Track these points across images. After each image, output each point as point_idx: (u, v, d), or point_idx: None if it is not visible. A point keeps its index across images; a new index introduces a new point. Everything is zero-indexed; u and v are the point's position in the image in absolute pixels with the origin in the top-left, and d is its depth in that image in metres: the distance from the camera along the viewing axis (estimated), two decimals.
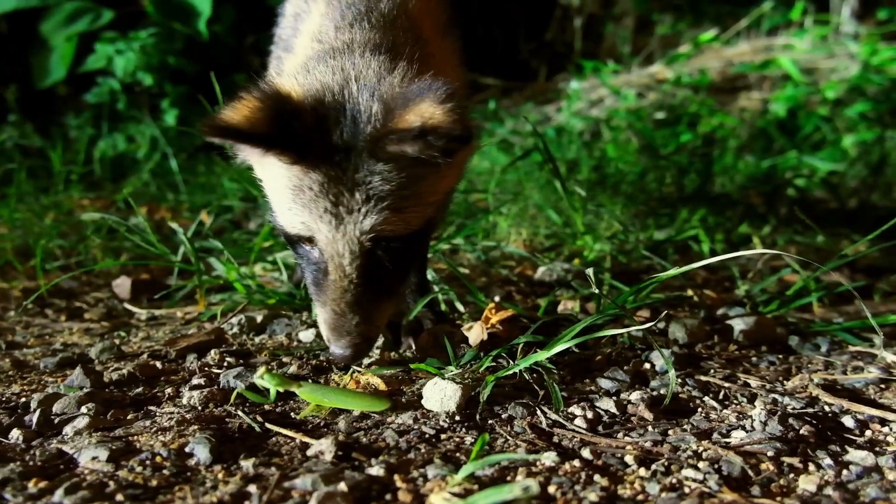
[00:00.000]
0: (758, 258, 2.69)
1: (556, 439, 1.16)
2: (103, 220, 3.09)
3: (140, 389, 1.35)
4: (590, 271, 1.48)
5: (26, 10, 5.02)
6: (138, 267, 2.69)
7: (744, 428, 1.21)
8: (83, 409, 1.19)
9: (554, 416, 1.24)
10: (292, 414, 1.24)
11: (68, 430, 1.12)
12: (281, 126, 1.18)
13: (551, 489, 0.97)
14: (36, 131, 4.98)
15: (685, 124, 5.42)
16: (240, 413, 1.21)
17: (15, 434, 1.09)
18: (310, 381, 1.38)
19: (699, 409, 1.31)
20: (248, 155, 1.28)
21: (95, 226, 2.88)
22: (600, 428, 1.21)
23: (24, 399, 1.29)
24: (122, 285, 2.27)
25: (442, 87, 1.17)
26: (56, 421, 1.15)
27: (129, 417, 1.18)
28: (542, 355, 1.37)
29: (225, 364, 1.51)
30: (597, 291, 1.54)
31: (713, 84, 5.97)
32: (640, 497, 0.96)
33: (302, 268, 1.38)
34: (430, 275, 1.98)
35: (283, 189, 1.27)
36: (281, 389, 1.27)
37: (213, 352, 1.58)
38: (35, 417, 1.14)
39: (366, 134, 1.20)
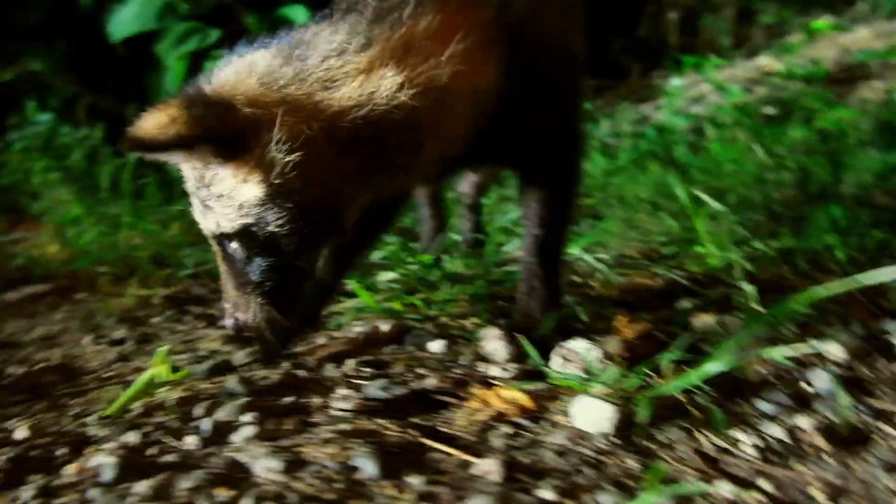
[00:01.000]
0: None
1: (724, 467, 1.10)
2: None
3: (290, 399, 1.38)
4: (749, 287, 1.40)
5: (142, 34, 5.34)
6: None
7: None
8: (247, 418, 1.24)
9: (718, 442, 1.18)
10: (441, 427, 1.24)
11: (237, 438, 1.16)
12: (193, 127, 1.23)
13: None
14: None
15: (799, 119, 5.12)
16: (393, 426, 1.22)
17: (190, 440, 1.14)
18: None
19: (879, 439, 1.21)
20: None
21: None
22: (772, 456, 1.14)
23: (187, 406, 1.35)
24: None
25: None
26: (224, 429, 1.20)
27: (286, 427, 1.21)
28: (697, 375, 1.31)
29: (365, 374, 1.54)
30: (763, 311, 1.46)
31: (829, 75, 5.61)
32: None
33: None
34: None
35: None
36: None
37: (350, 361, 1.61)
38: (207, 425, 1.19)
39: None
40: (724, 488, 1.00)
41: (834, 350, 1.60)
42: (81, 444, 1.16)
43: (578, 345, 1.49)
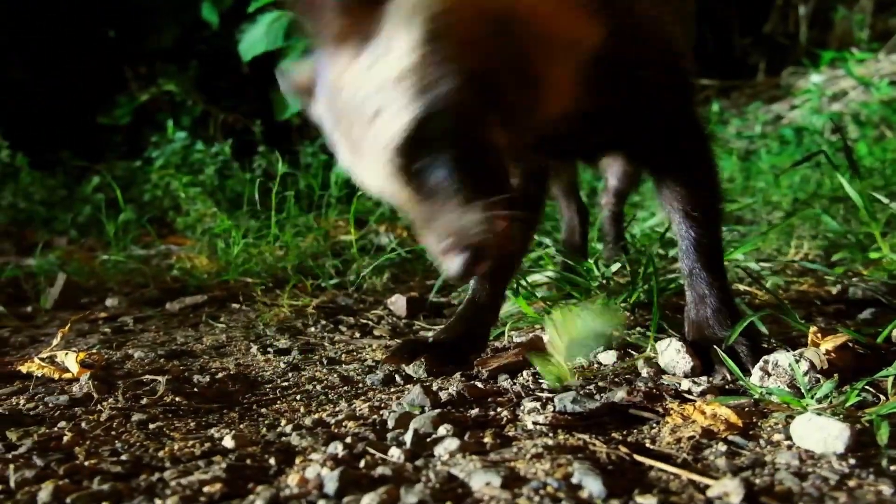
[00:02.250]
0: None
1: None
2: (359, 240, 3.31)
3: (476, 411, 1.35)
4: None
5: (267, 52, 5.58)
6: (399, 284, 2.83)
7: None
8: (442, 430, 1.21)
9: None
10: (649, 444, 1.17)
11: (441, 451, 1.13)
12: None
13: None
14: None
15: None
16: (597, 441, 1.16)
17: (395, 453, 1.13)
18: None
19: None
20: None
21: (357, 245, 3.07)
22: None
23: (376, 416, 1.35)
24: (398, 303, 2.37)
25: None
26: (425, 441, 1.18)
27: (488, 441, 1.18)
28: None
29: (542, 386, 1.49)
30: None
31: None
32: None
33: None
34: None
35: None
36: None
37: (524, 373, 1.57)
38: (407, 437, 1.18)
39: None
40: None
41: None
42: (289, 454, 1.17)
43: (781, 357, 1.37)
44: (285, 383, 1.63)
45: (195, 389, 1.56)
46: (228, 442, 1.22)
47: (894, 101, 4.94)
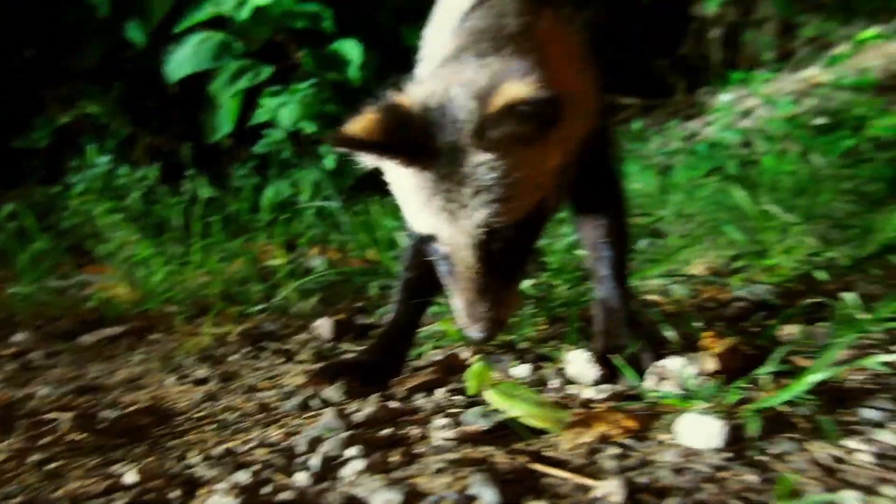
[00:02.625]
0: None
1: (844, 476, 1.08)
2: (289, 264, 3.31)
3: (389, 430, 1.39)
4: (850, 296, 1.39)
5: (196, 73, 5.51)
6: (328, 307, 2.84)
7: None
8: (351, 452, 1.25)
9: (832, 451, 1.16)
10: (547, 452, 1.23)
11: (347, 472, 1.17)
12: (392, 133, 1.32)
13: None
14: (208, 184, 5.44)
15: (850, 128, 5.04)
16: (499, 453, 1.22)
17: (301, 477, 1.16)
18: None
19: None
20: (372, 161, 1.42)
21: (285, 269, 3.08)
22: (890, 462, 1.12)
23: (288, 442, 1.37)
24: (324, 326, 2.39)
25: (520, 66, 1.33)
26: (332, 464, 1.21)
27: (394, 459, 1.22)
28: (800, 386, 1.29)
29: (457, 402, 1.54)
30: (865, 317, 1.43)
31: (877, 83, 5.54)
32: None
33: (436, 264, 1.49)
34: None
35: (407, 192, 1.41)
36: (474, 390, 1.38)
37: (440, 390, 1.62)
38: (315, 461, 1.21)
39: (466, 130, 1.31)
40: (851, 497, 0.98)
41: None
42: (193, 486, 1.18)
43: (673, 363, 1.47)
44: (199, 414, 1.62)
45: (102, 425, 1.54)
46: (131, 477, 1.22)
47: (796, 116, 5.28)
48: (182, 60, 5.07)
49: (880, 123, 4.95)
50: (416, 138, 1.33)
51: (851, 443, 1.18)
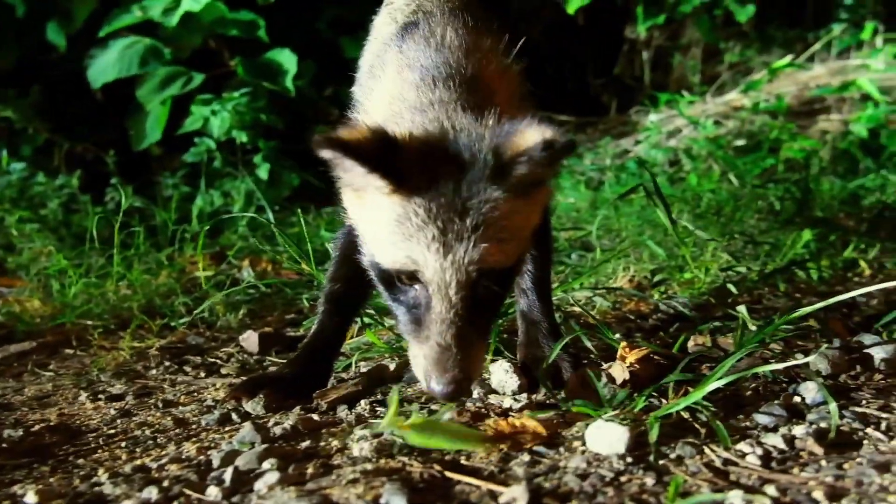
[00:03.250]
0: (871, 283, 2.61)
1: (733, 477, 1.15)
2: (216, 275, 3.25)
3: (307, 443, 1.39)
4: (742, 309, 1.47)
5: (122, 79, 5.35)
6: (257, 320, 2.81)
7: None
8: (266, 465, 1.25)
9: (724, 455, 1.23)
10: (462, 461, 1.26)
11: (260, 485, 1.17)
12: (386, 151, 1.27)
13: None
14: (135, 192, 5.28)
15: (766, 150, 5.33)
16: (415, 462, 1.24)
17: (213, 492, 1.15)
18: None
19: (865, 442, 1.28)
20: (351, 178, 1.33)
21: (212, 282, 3.02)
22: (774, 464, 1.20)
23: (202, 457, 1.35)
24: (250, 339, 2.36)
25: (536, 118, 1.32)
26: (246, 477, 1.21)
27: (311, 471, 1.23)
28: (699, 393, 1.36)
29: (378, 414, 1.56)
30: (753, 328, 1.52)
31: (790, 109, 5.89)
32: None
33: (391, 307, 1.42)
34: None
35: (385, 222, 1.32)
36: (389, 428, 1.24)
37: (362, 402, 1.63)
38: (228, 475, 1.20)
39: (487, 160, 1.28)
40: (736, 497, 1.05)
41: (819, 363, 1.68)
42: None
43: (588, 373, 1.52)
44: (112, 431, 1.58)
45: (3, 445, 1.48)
46: (31, 498, 1.18)
47: (719, 137, 5.55)
48: (107, 65, 4.93)
49: (792, 146, 5.26)
50: (411, 164, 1.29)
51: (744, 446, 1.26)
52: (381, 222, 1.34)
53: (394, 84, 1.53)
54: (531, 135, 1.25)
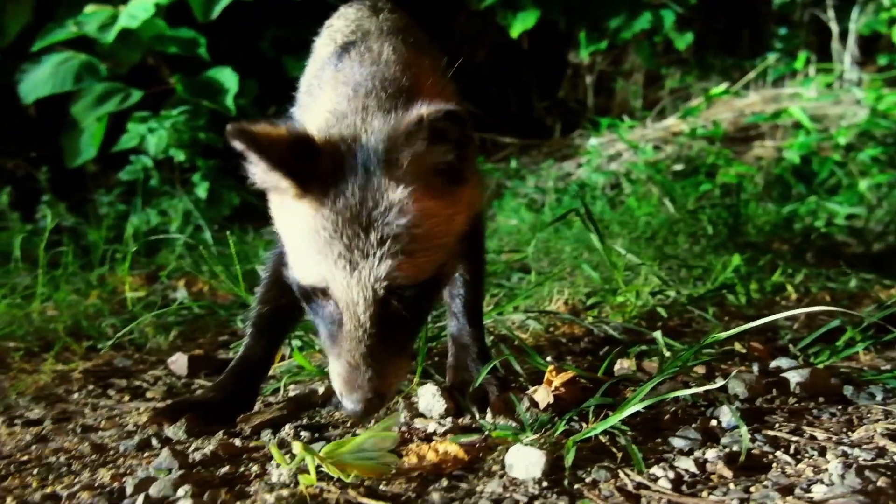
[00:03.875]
0: (797, 307, 2.72)
1: (644, 501, 1.18)
2: (148, 296, 3.17)
3: (227, 469, 1.38)
4: (658, 335, 1.52)
5: (56, 94, 5.21)
6: (188, 342, 2.75)
7: (822, 482, 1.23)
8: (180, 492, 1.23)
9: (637, 479, 1.26)
10: (381, 486, 1.26)
11: None
12: (298, 152, 1.25)
13: None
14: (68, 210, 5.12)
15: (703, 175, 5.51)
16: (332, 488, 1.23)
17: None
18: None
19: (774, 465, 1.34)
20: (259, 176, 1.31)
21: (143, 303, 2.95)
22: (684, 488, 1.24)
23: (116, 483, 1.32)
24: (179, 362, 2.31)
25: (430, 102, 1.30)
26: None
27: (226, 498, 1.21)
28: (616, 418, 1.40)
29: (302, 438, 1.54)
30: (668, 354, 1.57)
31: (727, 134, 6.11)
32: None
33: (314, 320, 1.40)
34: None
35: (300, 233, 1.31)
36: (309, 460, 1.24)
37: (287, 427, 1.61)
38: (139, 502, 1.17)
39: (378, 153, 1.27)
40: None
41: (737, 387, 1.74)
42: None
43: (510, 397, 1.55)
44: (25, 457, 1.53)
45: None
46: None
47: (658, 162, 5.72)
48: (40, 81, 4.80)
49: (728, 172, 5.46)
50: (323, 170, 1.26)
51: (657, 470, 1.30)
52: (296, 233, 1.33)
53: (328, 99, 1.52)
54: (409, 116, 1.24)
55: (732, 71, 7.31)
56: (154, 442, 1.58)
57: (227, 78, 4.84)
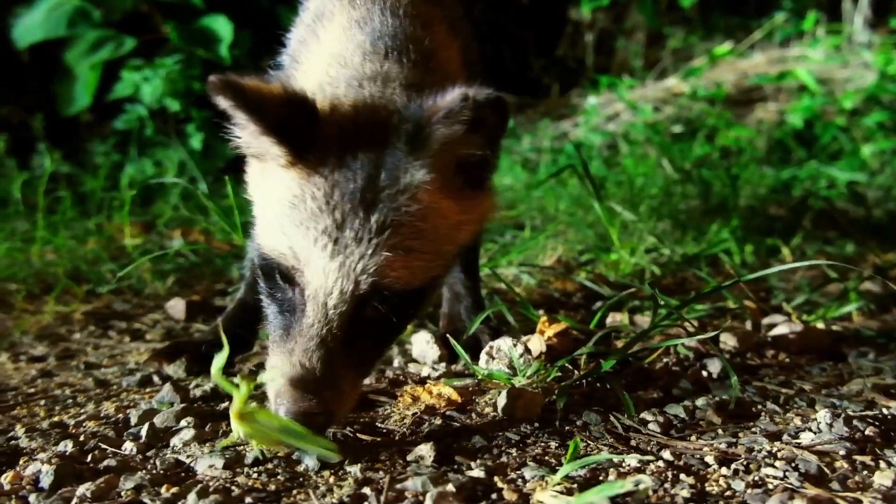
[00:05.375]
0: (794, 268, 2.75)
1: (634, 443, 1.22)
2: (146, 244, 3.19)
3: (226, 404, 1.41)
4: (650, 288, 1.54)
5: (49, 41, 5.12)
6: (185, 289, 2.77)
7: (811, 430, 1.26)
8: (183, 423, 1.26)
9: (628, 422, 1.30)
10: (378, 423, 1.30)
11: (176, 441, 1.18)
12: (295, 115, 1.07)
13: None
14: (64, 159, 5.09)
15: (703, 137, 5.48)
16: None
17: (128, 446, 1.16)
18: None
19: (763, 414, 1.37)
20: (247, 139, 1.13)
21: (140, 250, 2.97)
22: (673, 432, 1.28)
23: (121, 415, 1.36)
24: (177, 307, 2.34)
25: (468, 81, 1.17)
26: (162, 434, 1.22)
27: (227, 429, 1.25)
28: (608, 364, 1.44)
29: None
30: (662, 303, 1.60)
31: (729, 96, 6.03)
32: (728, 493, 1.03)
33: (264, 304, 1.19)
34: None
35: (277, 201, 1.12)
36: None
37: None
38: (144, 431, 1.21)
39: (406, 129, 1.09)
40: (632, 459, 1.12)
41: (728, 340, 1.77)
42: (14, 456, 1.15)
43: (503, 343, 1.58)
44: (31, 390, 1.57)
45: None
46: None
47: (657, 123, 5.69)
48: (32, 26, 4.71)
49: (728, 135, 5.44)
50: (325, 137, 1.08)
51: (646, 415, 1.34)
52: (273, 201, 1.12)
53: (338, 42, 1.31)
54: (452, 94, 1.07)
55: (738, 31, 7.18)
56: (155, 379, 1.61)
57: (222, 26, 4.76)
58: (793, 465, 1.11)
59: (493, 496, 1.00)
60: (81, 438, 1.20)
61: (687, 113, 5.95)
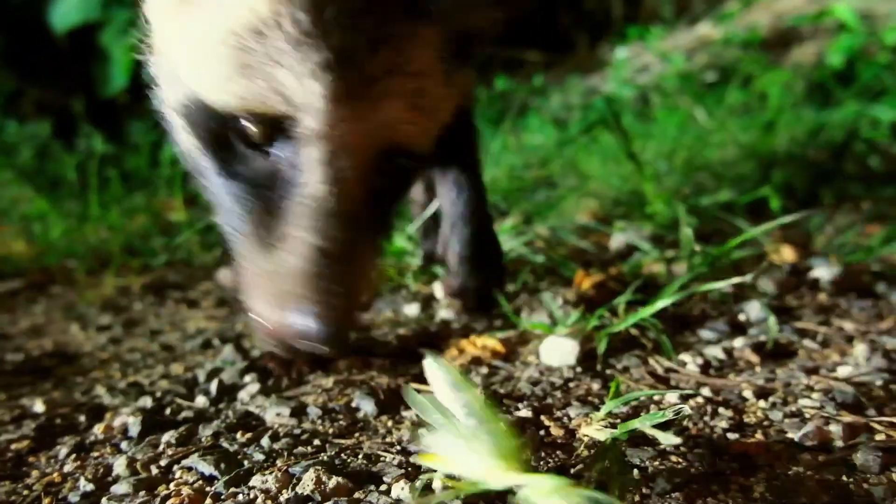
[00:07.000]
0: (831, 215, 2.74)
1: (673, 382, 1.28)
2: (193, 219, 3.31)
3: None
4: (687, 231, 1.57)
5: (85, 25, 5.25)
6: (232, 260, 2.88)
7: (848, 364, 1.30)
8: (248, 378, 1.36)
9: (667, 363, 1.36)
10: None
11: (243, 394, 1.28)
12: None
13: (682, 421, 1.09)
14: (105, 139, 5.24)
15: (737, 84, 5.36)
16: (384, 376, 1.35)
17: (201, 400, 1.26)
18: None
19: (801, 352, 1.41)
20: None
21: (186, 223, 3.09)
22: (712, 371, 1.33)
23: (189, 374, 1.46)
24: (227, 275, 2.45)
25: None
26: (230, 388, 1.32)
27: (289, 382, 1.34)
28: (648, 310, 1.48)
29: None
30: (696, 249, 1.63)
31: (764, 40, 5.85)
32: (766, 423, 1.08)
33: (217, 194, 0.92)
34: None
35: (231, 30, 0.82)
36: None
37: None
38: (213, 387, 1.31)
39: None
40: (671, 396, 1.17)
41: (765, 285, 1.80)
42: (100, 411, 1.26)
43: (543, 296, 1.64)
44: (104, 355, 1.69)
45: (7, 368, 1.59)
46: (39, 407, 1.29)
47: (689, 72, 5.59)
48: (68, 10, 4.83)
49: (764, 79, 5.30)
50: None
51: (685, 357, 1.39)
52: (223, 29, 0.82)
53: None
54: None
55: None
56: (215, 342, 1.71)
57: None
58: (829, 396, 1.15)
59: (542, 432, 1.07)
60: (158, 395, 1.31)
61: (720, 60, 5.81)
